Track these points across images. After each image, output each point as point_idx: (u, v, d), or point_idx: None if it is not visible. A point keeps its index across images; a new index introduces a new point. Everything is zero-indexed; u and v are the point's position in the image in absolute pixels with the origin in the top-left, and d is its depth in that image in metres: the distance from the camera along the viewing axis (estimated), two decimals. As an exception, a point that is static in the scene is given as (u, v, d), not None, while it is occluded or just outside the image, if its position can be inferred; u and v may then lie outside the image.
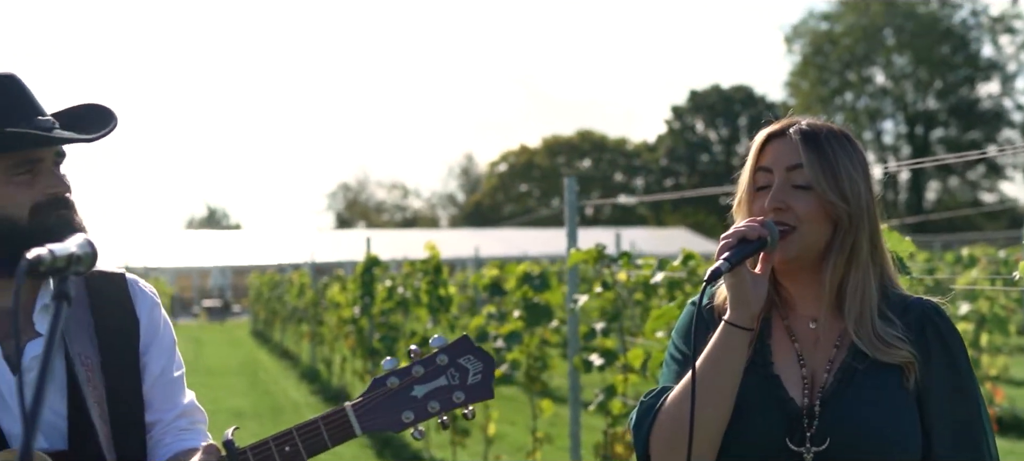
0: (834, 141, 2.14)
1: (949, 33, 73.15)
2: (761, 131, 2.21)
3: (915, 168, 50.69)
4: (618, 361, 5.67)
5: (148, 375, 2.28)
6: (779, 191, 2.10)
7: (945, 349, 2.14)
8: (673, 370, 2.21)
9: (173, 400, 2.34)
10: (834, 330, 2.14)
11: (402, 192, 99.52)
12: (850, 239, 2.11)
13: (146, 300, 2.35)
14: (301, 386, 17.38)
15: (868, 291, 2.12)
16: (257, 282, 30.06)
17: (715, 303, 2.23)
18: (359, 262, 12.45)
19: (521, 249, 45.33)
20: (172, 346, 2.37)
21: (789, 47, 78.89)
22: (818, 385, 2.10)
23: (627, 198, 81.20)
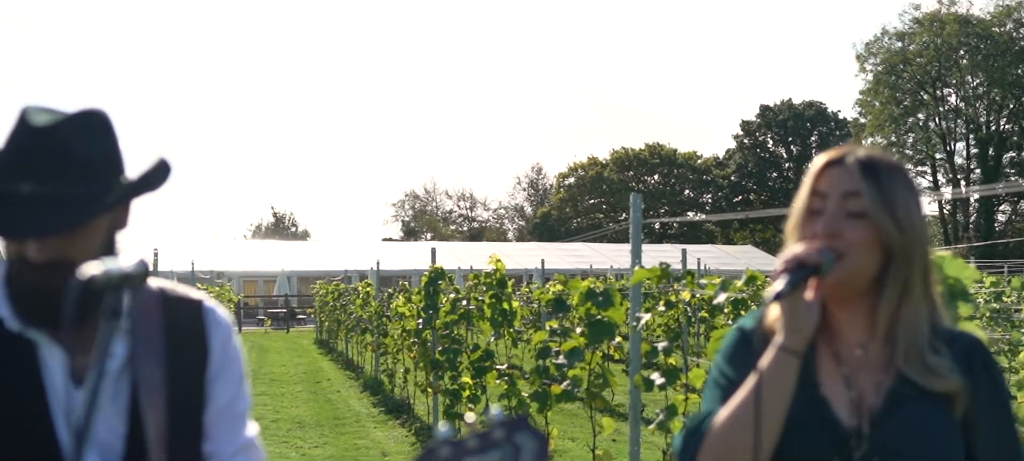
0: (892, 173, 2.16)
1: (1023, 55, 72.07)
2: (819, 156, 2.22)
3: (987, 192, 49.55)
4: (680, 380, 5.65)
5: (213, 405, 2.27)
6: (833, 217, 2.11)
7: (993, 383, 2.17)
8: (717, 394, 2.20)
9: (235, 433, 2.33)
10: (881, 357, 2.15)
11: (470, 203, 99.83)
12: (904, 271, 2.11)
13: (221, 329, 2.34)
14: (363, 397, 17.48)
15: (920, 325, 2.13)
16: (322, 291, 30.27)
17: (762, 326, 2.24)
18: (424, 273, 12.50)
19: (588, 262, 45.34)
20: (241, 379, 2.36)
21: (862, 65, 78.06)
22: (866, 407, 2.11)
23: (694, 216, 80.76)
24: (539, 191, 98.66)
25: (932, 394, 2.09)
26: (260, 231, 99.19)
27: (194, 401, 2.24)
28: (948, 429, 2.08)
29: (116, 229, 2.17)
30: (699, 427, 2.12)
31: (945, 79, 75.09)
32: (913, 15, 75.98)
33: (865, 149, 2.21)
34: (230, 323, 2.40)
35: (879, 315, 2.13)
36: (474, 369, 10.30)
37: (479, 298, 10.53)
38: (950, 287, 3.34)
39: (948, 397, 2.09)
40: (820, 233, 2.10)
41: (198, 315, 2.32)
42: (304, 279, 49.46)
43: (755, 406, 1.98)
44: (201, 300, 2.35)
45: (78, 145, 2.06)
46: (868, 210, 2.09)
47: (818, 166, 2.19)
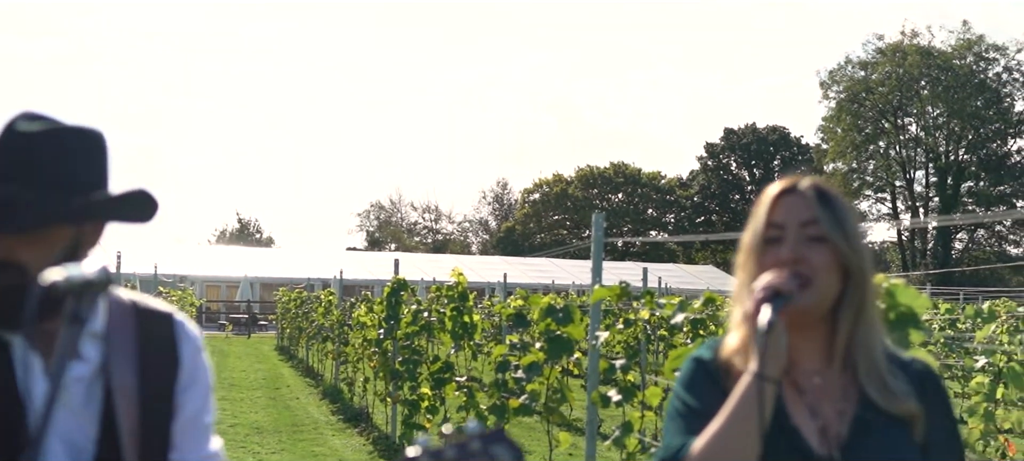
0: (839, 199, 2.25)
1: (983, 87, 73.10)
2: (769, 188, 2.28)
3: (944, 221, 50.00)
4: (637, 397, 5.75)
5: (181, 415, 2.31)
6: (796, 243, 2.17)
7: (945, 407, 2.25)
8: (683, 424, 2.20)
9: (200, 444, 2.37)
10: (839, 383, 2.20)
11: (435, 215, 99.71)
12: (859, 293, 2.18)
13: (191, 343, 2.38)
14: (322, 405, 17.49)
15: (876, 346, 2.21)
16: (285, 298, 30.19)
17: (721, 356, 2.27)
18: (387, 283, 12.56)
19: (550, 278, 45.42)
20: (208, 392, 2.40)
21: (825, 92, 78.75)
22: (833, 436, 2.15)
23: (657, 235, 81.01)
24: (504, 206, 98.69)
25: (895, 419, 2.15)
26: (224, 237, 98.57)
27: (163, 410, 2.28)
28: (913, 454, 2.14)
29: (83, 245, 2.18)
30: (678, 454, 2.12)
31: (906, 109, 75.85)
32: (876, 45, 76.92)
33: (810, 178, 2.29)
34: (200, 337, 2.44)
35: (838, 339, 2.19)
36: (434, 380, 10.38)
37: (441, 310, 10.61)
38: (902, 314, 3.46)
39: (909, 421, 2.16)
40: (785, 260, 2.14)
41: (170, 328, 2.37)
42: (267, 286, 49.22)
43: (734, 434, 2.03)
44: (172, 314, 2.40)
45: (53, 154, 2.10)
46: (828, 234, 2.16)
47: (771, 196, 2.23)
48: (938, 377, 2.32)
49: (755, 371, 2.05)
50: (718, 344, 2.31)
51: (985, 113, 73.25)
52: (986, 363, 8.11)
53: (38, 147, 2.09)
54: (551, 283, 39.24)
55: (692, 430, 2.14)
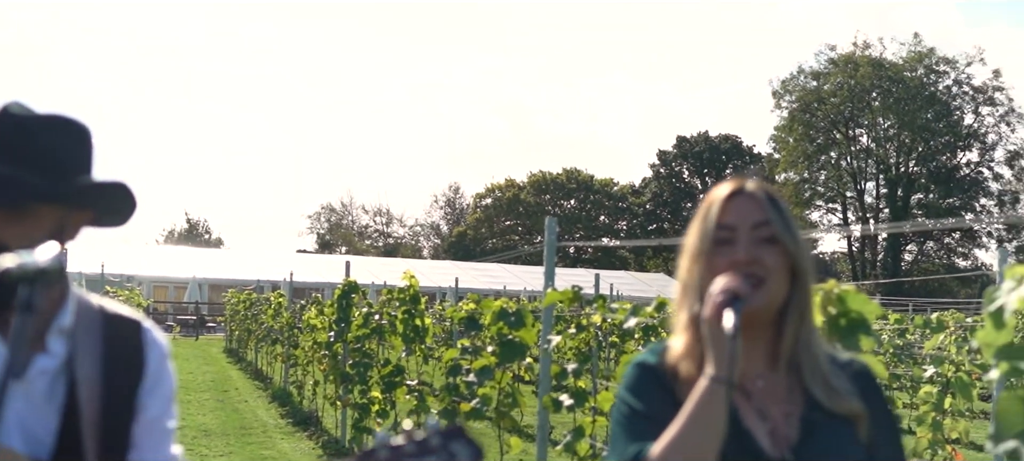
0: (783, 202, 2.27)
1: (933, 100, 74.00)
2: (717, 190, 2.27)
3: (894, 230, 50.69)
4: (588, 403, 5.71)
5: (142, 417, 2.31)
6: (750, 245, 2.16)
7: (884, 404, 2.27)
8: (634, 429, 2.17)
9: (161, 447, 2.37)
10: (782, 385, 2.20)
11: (386, 219, 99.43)
12: (804, 294, 2.20)
13: (157, 349, 2.40)
14: (271, 407, 17.34)
15: (819, 347, 2.23)
16: (234, 299, 29.93)
17: (666, 361, 2.25)
18: (337, 286, 12.47)
19: (502, 283, 45.40)
20: (171, 398, 2.41)
21: (778, 102, 79.32)
22: (783, 438, 2.15)
23: (609, 241, 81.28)
24: (456, 210, 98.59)
25: (840, 418, 2.16)
26: (173, 237, 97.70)
27: (126, 410, 2.29)
28: (860, 454, 2.15)
29: (67, 230, 2.22)
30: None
31: (857, 119, 76.63)
32: (829, 56, 77.59)
33: (755, 181, 2.28)
34: (167, 346, 2.46)
35: (785, 339, 2.19)
36: (384, 384, 10.30)
37: (392, 313, 10.53)
38: (852, 321, 3.44)
39: (853, 420, 2.17)
40: (740, 261, 2.14)
41: (137, 333, 2.38)
42: (215, 287, 48.84)
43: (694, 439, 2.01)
44: (140, 320, 2.42)
45: (43, 138, 2.17)
46: (779, 236, 2.17)
47: (721, 198, 2.23)
48: (875, 376, 2.35)
49: (714, 376, 2.03)
50: (662, 348, 2.30)
51: (935, 126, 74.14)
52: (934, 373, 8.16)
53: (29, 130, 2.16)
54: (503, 288, 39.21)
55: (644, 435, 2.11)
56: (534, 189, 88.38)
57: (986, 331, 2.47)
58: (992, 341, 2.49)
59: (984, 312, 2.47)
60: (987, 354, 2.51)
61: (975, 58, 76.18)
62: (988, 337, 2.48)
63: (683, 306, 2.25)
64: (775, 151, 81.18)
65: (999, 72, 74.88)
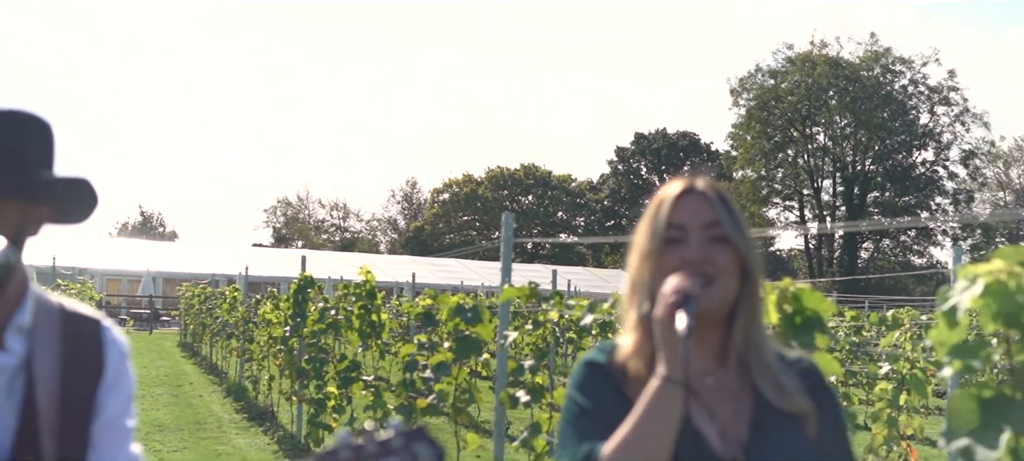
0: (732, 201, 2.27)
1: (889, 99, 74.60)
2: (668, 188, 2.27)
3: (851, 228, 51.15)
4: (545, 399, 5.71)
5: (101, 416, 2.30)
6: (701, 244, 2.16)
7: (832, 402, 2.28)
8: (583, 429, 2.16)
9: (120, 446, 2.36)
10: (731, 383, 2.20)
11: (343, 213, 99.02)
12: (754, 293, 2.21)
13: (117, 349, 2.38)
14: (226, 403, 17.21)
15: (768, 345, 2.24)
16: (188, 293, 29.70)
17: (616, 359, 2.25)
18: (293, 280, 12.40)
19: (459, 278, 45.36)
20: (130, 398, 2.40)
21: (735, 99, 79.70)
22: (733, 437, 2.14)
23: (566, 238, 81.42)
24: (413, 205, 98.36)
25: (789, 416, 2.16)
26: (126, 229, 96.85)
27: (85, 410, 2.27)
28: (810, 451, 2.15)
29: (28, 226, 2.20)
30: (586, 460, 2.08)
31: (814, 118, 77.11)
32: (786, 54, 77.97)
33: (704, 179, 2.29)
34: (127, 345, 2.44)
35: (735, 337, 2.20)
36: (340, 379, 10.25)
37: (348, 308, 10.48)
38: (807, 319, 3.45)
39: (802, 418, 2.17)
40: (692, 261, 2.14)
41: (96, 332, 2.36)
42: (170, 280, 48.50)
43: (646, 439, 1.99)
44: (100, 319, 2.40)
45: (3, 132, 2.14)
46: (729, 235, 2.17)
47: (672, 197, 2.23)
48: (822, 373, 2.36)
49: (666, 376, 2.02)
50: (611, 347, 2.29)
51: (891, 125, 74.76)
52: (890, 370, 8.23)
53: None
54: (460, 284, 39.15)
55: (593, 434, 2.10)
56: (492, 185, 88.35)
57: (939, 330, 2.48)
58: (945, 340, 2.50)
59: (937, 311, 2.49)
60: (940, 352, 2.52)
61: (931, 58, 76.92)
62: (941, 336, 2.49)
63: (632, 304, 2.25)
64: (732, 148, 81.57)
65: (954, 72, 75.69)
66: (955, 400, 2.46)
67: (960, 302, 2.43)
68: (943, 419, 2.32)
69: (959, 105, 75.71)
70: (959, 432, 2.44)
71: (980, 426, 2.41)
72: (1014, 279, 2.40)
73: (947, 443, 2.46)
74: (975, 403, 2.43)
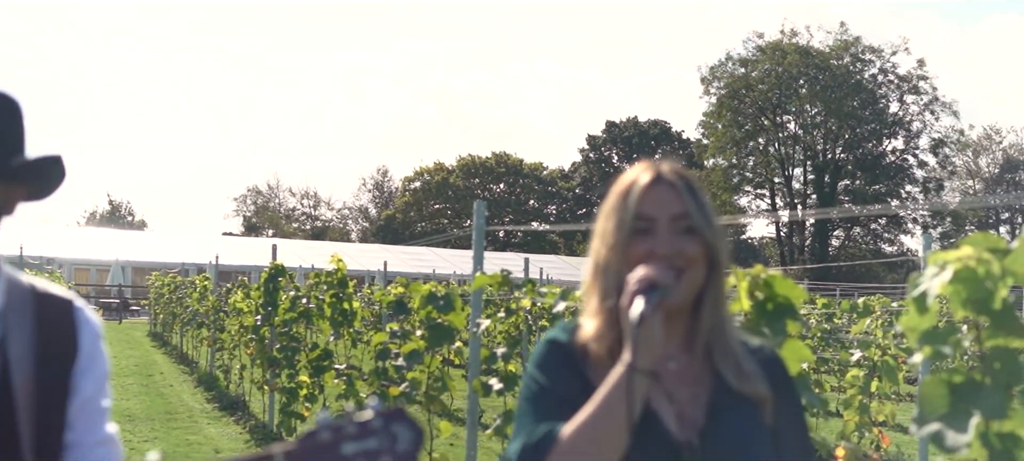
0: (701, 188, 2.26)
1: (859, 88, 74.94)
2: (637, 178, 2.25)
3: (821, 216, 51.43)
4: (518, 386, 5.70)
5: (77, 397, 2.29)
6: (671, 236, 2.16)
7: (792, 392, 2.30)
8: (543, 407, 2.15)
9: (96, 427, 2.35)
10: (692, 368, 2.21)
11: (314, 202, 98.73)
12: (720, 281, 2.22)
13: (90, 329, 2.37)
14: (197, 392, 17.13)
15: (732, 331, 2.26)
16: (158, 282, 29.53)
17: (578, 340, 2.25)
18: (264, 269, 12.36)
19: (431, 267, 45.32)
20: (105, 377, 2.39)
21: (706, 88, 79.87)
22: (689, 421, 2.15)
23: (538, 226, 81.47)
24: (384, 193, 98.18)
25: (747, 403, 2.17)
26: (95, 219, 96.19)
27: (60, 391, 2.26)
28: (765, 437, 2.17)
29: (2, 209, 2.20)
30: (544, 440, 2.07)
31: (785, 106, 77.40)
32: (756, 43, 78.16)
33: (670, 164, 2.28)
34: (100, 325, 2.43)
35: (701, 325, 2.21)
36: (312, 368, 10.23)
37: (320, 297, 10.45)
38: (779, 305, 3.47)
39: (759, 404, 2.19)
40: (661, 252, 2.13)
41: (69, 313, 2.35)
42: (139, 270, 48.20)
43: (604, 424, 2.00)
44: (72, 300, 2.39)
45: None
46: (698, 226, 2.17)
47: (641, 187, 2.21)
48: (784, 363, 2.38)
49: (631, 363, 2.01)
50: (574, 328, 2.29)
51: (861, 113, 75.12)
52: (861, 357, 8.28)
53: None
54: (432, 272, 39.14)
55: (552, 413, 2.10)
56: (463, 173, 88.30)
57: (910, 316, 2.50)
58: (916, 326, 2.52)
59: (908, 297, 2.50)
60: (911, 339, 2.54)
61: (900, 47, 77.43)
62: (912, 322, 2.51)
63: (594, 291, 2.25)
64: (703, 137, 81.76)
65: (923, 61, 76.15)
66: (926, 386, 2.47)
67: (930, 288, 2.45)
68: (914, 405, 2.34)
69: (928, 94, 76.23)
70: (930, 417, 2.45)
71: (950, 411, 2.43)
72: (983, 266, 2.41)
73: (918, 428, 2.48)
74: (945, 389, 2.45)
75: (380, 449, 2.03)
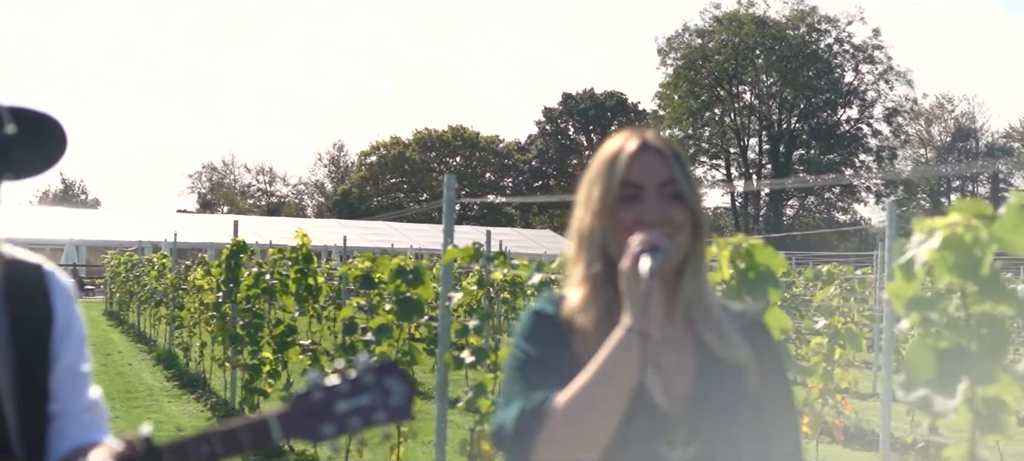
0: (684, 157, 2.27)
1: (815, 57, 75.47)
2: (622, 145, 2.23)
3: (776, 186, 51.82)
4: (489, 358, 5.68)
5: (57, 366, 2.23)
6: (660, 203, 2.15)
7: (775, 356, 2.29)
8: (531, 378, 2.11)
9: (79, 393, 2.29)
10: (676, 337, 2.19)
11: (269, 177, 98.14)
12: (702, 247, 2.22)
13: (63, 293, 2.32)
14: (156, 371, 16.98)
15: (710, 294, 2.25)
16: (114, 261, 29.22)
17: (562, 310, 2.22)
18: (223, 246, 12.25)
19: (389, 241, 45.20)
20: (83, 341, 2.34)
21: (663, 59, 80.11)
22: (676, 391, 2.14)
23: (495, 198, 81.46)
24: (340, 168, 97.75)
25: (733, 371, 2.16)
26: (47, 198, 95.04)
27: (39, 360, 2.21)
28: (749, 404, 2.16)
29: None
30: (539, 409, 2.01)
31: (741, 77, 77.81)
32: (713, 13, 78.48)
33: (652, 133, 2.27)
34: (72, 287, 2.38)
35: (683, 292, 2.19)
36: (276, 344, 10.16)
37: (283, 273, 10.37)
38: (761, 274, 3.46)
39: (744, 369, 2.17)
40: (650, 218, 2.12)
41: (40, 278, 2.29)
42: (94, 249, 47.75)
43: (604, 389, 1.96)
44: (41, 264, 2.33)
45: None
46: (684, 193, 2.16)
47: (628, 154, 2.20)
48: (766, 325, 2.37)
49: (631, 325, 1.98)
50: (558, 299, 2.27)
51: (816, 83, 75.70)
52: (825, 324, 8.33)
53: None
54: (391, 247, 38.99)
55: (542, 383, 2.06)
56: (419, 146, 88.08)
57: (897, 283, 2.50)
58: (902, 292, 2.52)
59: (894, 264, 2.50)
60: (898, 305, 2.54)
61: (856, 17, 78.21)
62: (898, 289, 2.51)
63: (579, 260, 2.23)
64: (660, 108, 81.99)
65: (879, 31, 76.90)
66: (912, 352, 2.48)
67: (917, 255, 2.45)
68: (871, 373, 2.33)
69: (883, 64, 76.92)
70: (917, 382, 2.46)
71: (937, 377, 2.43)
72: (970, 232, 2.42)
73: (906, 393, 2.48)
74: (932, 355, 2.45)
75: (374, 405, 2.01)
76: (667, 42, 79.69)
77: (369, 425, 2.02)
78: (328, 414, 1.99)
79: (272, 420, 1.95)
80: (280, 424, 1.96)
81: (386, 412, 2.02)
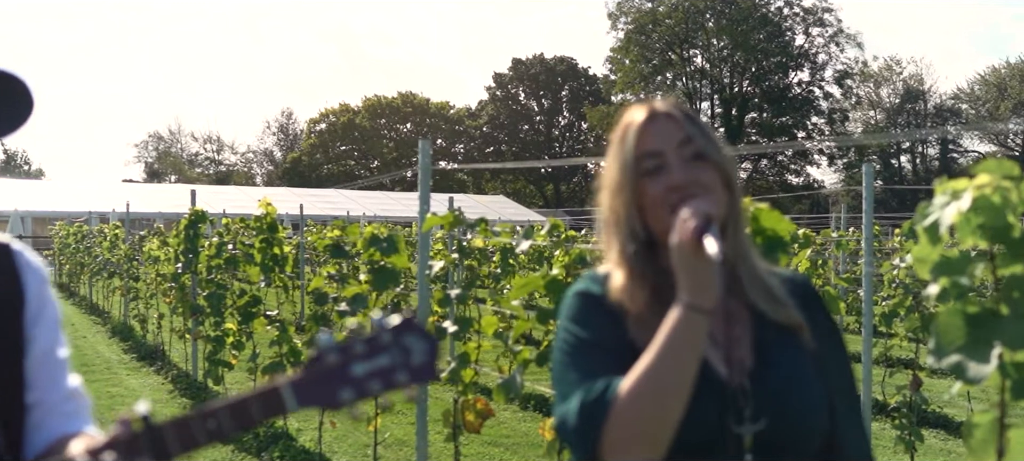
0: (699, 118, 2.18)
1: (765, 21, 75.73)
2: (631, 119, 2.15)
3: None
4: (473, 327, 5.57)
5: (32, 353, 2.09)
6: (684, 165, 2.05)
7: (829, 319, 2.21)
8: (586, 362, 2.01)
9: (58, 381, 2.15)
10: (725, 305, 2.04)
11: (217, 146, 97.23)
12: (738, 204, 2.11)
13: (34, 274, 2.16)
14: (112, 343, 16.73)
15: (754, 253, 2.15)
16: (63, 232, 28.75)
17: (608, 290, 2.12)
18: (174, 216, 12.06)
19: (343, 209, 44.95)
20: (58, 324, 2.19)
21: (614, 23, 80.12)
22: (738, 363, 2.03)
23: (447, 165, 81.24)
24: (289, 136, 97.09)
25: (791, 336, 2.08)
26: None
27: (13, 347, 2.05)
28: (813, 371, 2.06)
29: None
30: (602, 397, 1.91)
31: (692, 41, 77.97)
32: (662, -24, 78.46)
33: (660, 101, 2.19)
34: (44, 268, 2.21)
35: (726, 253, 2.03)
36: (241, 314, 10.00)
37: (247, 242, 10.19)
38: (768, 239, 3.38)
39: (798, 332, 2.09)
40: (677, 183, 2.02)
41: (8, 258, 2.13)
42: (40, 220, 47.04)
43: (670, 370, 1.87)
44: (8, 243, 2.17)
45: None
46: (705, 151, 2.07)
47: (638, 125, 2.11)
48: (815, 288, 2.28)
49: (690, 303, 1.88)
50: (603, 278, 2.15)
51: (767, 46, 76.02)
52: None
53: None
54: (345, 215, 38.73)
55: (600, 367, 1.96)
56: (369, 114, 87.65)
57: (922, 247, 2.42)
58: (927, 256, 2.44)
59: (918, 226, 2.42)
60: (922, 270, 2.46)
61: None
62: (923, 252, 2.42)
63: (612, 242, 2.14)
64: (611, 73, 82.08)
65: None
66: (943, 317, 2.40)
67: (942, 217, 2.37)
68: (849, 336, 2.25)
69: (833, 26, 77.37)
70: (948, 349, 2.38)
71: (969, 342, 2.36)
72: (999, 194, 2.35)
73: (937, 360, 2.40)
74: (962, 319, 2.38)
75: (394, 365, 1.84)
76: (617, 6, 79.74)
77: (391, 388, 1.85)
78: (345, 378, 1.82)
79: (285, 388, 1.78)
80: (294, 392, 1.79)
81: (408, 373, 1.85)
